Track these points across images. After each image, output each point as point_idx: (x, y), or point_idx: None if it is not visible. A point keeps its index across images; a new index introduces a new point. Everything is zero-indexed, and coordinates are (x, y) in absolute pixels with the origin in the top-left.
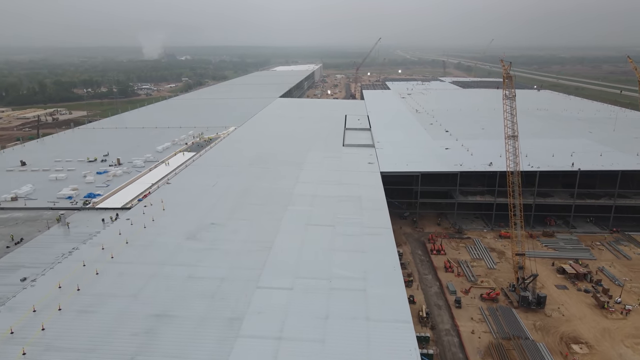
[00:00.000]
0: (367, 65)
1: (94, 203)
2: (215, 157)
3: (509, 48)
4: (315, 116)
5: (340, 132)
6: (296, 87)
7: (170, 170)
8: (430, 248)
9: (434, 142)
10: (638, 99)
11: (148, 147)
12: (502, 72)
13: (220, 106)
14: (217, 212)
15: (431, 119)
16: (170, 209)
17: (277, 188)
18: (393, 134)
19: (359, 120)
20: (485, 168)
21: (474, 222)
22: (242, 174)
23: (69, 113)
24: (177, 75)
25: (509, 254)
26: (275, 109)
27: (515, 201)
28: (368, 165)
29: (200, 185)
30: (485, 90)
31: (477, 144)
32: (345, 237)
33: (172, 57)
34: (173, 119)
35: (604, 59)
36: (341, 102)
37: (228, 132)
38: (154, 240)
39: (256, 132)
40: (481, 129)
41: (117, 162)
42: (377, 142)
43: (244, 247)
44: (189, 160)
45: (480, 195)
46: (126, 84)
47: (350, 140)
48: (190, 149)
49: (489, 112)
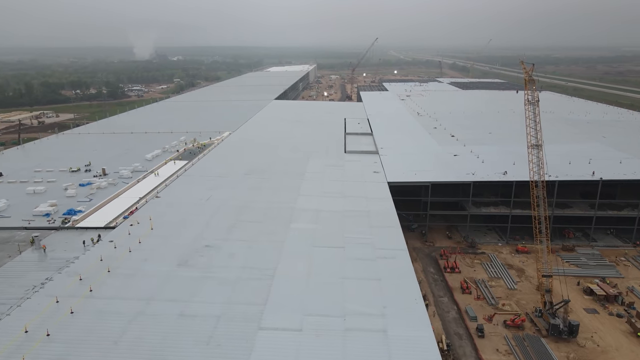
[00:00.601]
0: (361, 66)
1: (73, 222)
2: (209, 166)
3: (502, 48)
4: (313, 119)
5: (341, 137)
6: (291, 88)
7: (160, 181)
8: (443, 265)
9: (441, 148)
10: (638, 99)
11: (136, 155)
12: (524, 75)
13: (214, 109)
14: (212, 231)
15: (434, 122)
16: (159, 228)
17: (277, 202)
18: (396, 139)
19: (359, 124)
20: (500, 177)
21: (487, 235)
22: (238, 185)
23: (55, 116)
24: (169, 76)
25: (529, 272)
26: (271, 112)
27: (541, 216)
28: (373, 174)
29: (193, 199)
30: (485, 91)
31: (487, 150)
32: (356, 262)
33: (164, 57)
34: (164, 123)
35: (598, 59)
36: (339, 104)
37: (222, 137)
38: (140, 268)
39: (252, 138)
40: (488, 134)
41: (102, 173)
42: (381, 149)
43: (242, 274)
44: (180, 170)
45: (494, 206)
46: (116, 85)
47: (352, 146)
48: (181, 157)
49: (494, 115)
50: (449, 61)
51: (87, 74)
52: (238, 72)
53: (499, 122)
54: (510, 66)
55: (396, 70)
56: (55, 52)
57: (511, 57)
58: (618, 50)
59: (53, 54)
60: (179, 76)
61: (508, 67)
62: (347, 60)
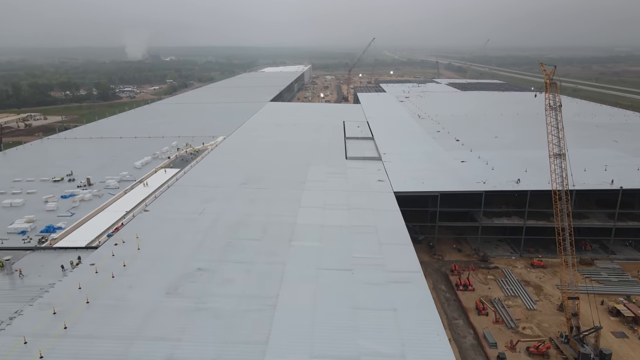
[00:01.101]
0: (357, 66)
1: (51, 241)
2: (202, 175)
3: (495, 49)
4: (311, 122)
5: (340, 141)
6: (286, 89)
7: (150, 192)
8: (455, 282)
9: (447, 153)
10: (637, 100)
11: (125, 162)
12: (544, 78)
13: (207, 112)
14: (205, 251)
15: (437, 125)
16: (146, 248)
17: (276, 215)
18: (399, 144)
19: (359, 127)
20: (513, 186)
21: (499, 248)
22: (233, 197)
23: (43, 118)
24: (162, 77)
25: (547, 289)
26: (267, 115)
27: (565, 231)
28: (378, 183)
29: (185, 212)
30: (485, 93)
31: (496, 155)
32: (367, 288)
33: (157, 57)
34: (155, 126)
35: (592, 60)
36: (336, 106)
37: (216, 142)
38: (123, 298)
39: (248, 143)
40: (494, 138)
41: (86, 183)
42: (384, 154)
43: (240, 305)
44: (171, 179)
45: (507, 217)
46: (106, 86)
47: (354, 152)
48: (172, 165)
49: (498, 118)
50: (443, 61)
51: (77, 74)
52: (232, 73)
53: (503, 126)
54: (505, 66)
55: (392, 70)
56: (46, 52)
57: (506, 58)
58: (611, 51)
59: (44, 54)
60: (171, 77)
61: (503, 67)
62: (342, 60)
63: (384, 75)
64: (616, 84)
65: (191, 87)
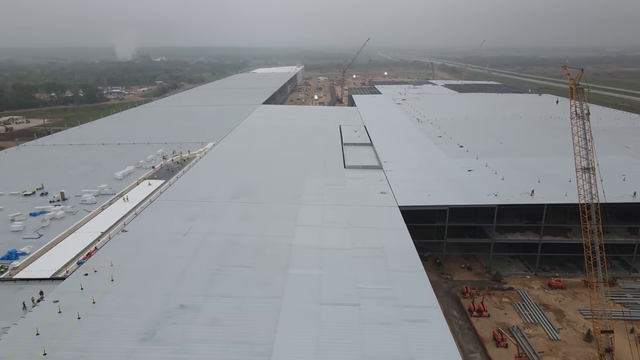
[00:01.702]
0: (350, 67)
1: (12, 270)
2: (189, 188)
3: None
4: (306, 127)
5: (338, 148)
6: (279, 91)
7: (130, 208)
8: (468, 307)
9: (451, 161)
10: (636, 102)
11: (105, 173)
12: (569, 83)
13: (196, 115)
14: (189, 282)
15: (437, 130)
16: (121, 279)
17: (270, 235)
18: (400, 150)
19: (356, 131)
20: (527, 199)
21: (512, 265)
22: (223, 213)
23: (26, 121)
24: (151, 78)
25: (569, 314)
26: (260, 119)
27: (596, 252)
28: (380, 196)
29: (167, 233)
30: (483, 95)
31: (504, 164)
32: (377, 329)
33: (147, 58)
34: (141, 131)
35: (584, 60)
36: (331, 109)
37: (205, 149)
38: (88, 348)
39: (239, 150)
40: (499, 144)
41: (60, 197)
42: (384, 162)
43: (227, 354)
44: (155, 193)
45: (521, 232)
46: (93, 87)
47: (353, 160)
48: (157, 176)
49: (500, 122)
50: (437, 62)
51: (65, 75)
52: (223, 74)
53: (507, 130)
54: (499, 67)
55: (386, 71)
56: (34, 52)
57: (500, 58)
58: (602, 51)
59: (32, 54)
60: (161, 78)
61: (496, 68)
62: (335, 61)
63: (377, 76)
64: (611, 85)
65: (181, 88)
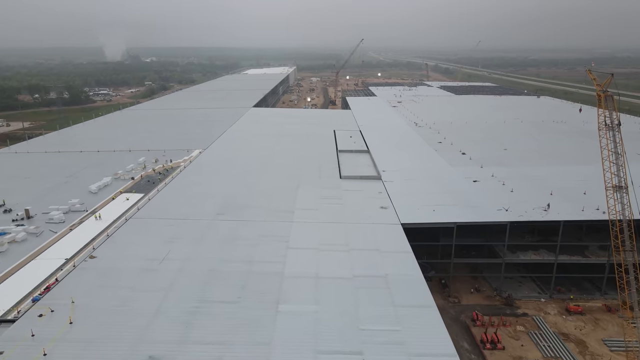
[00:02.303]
0: (343, 68)
1: None
2: (170, 203)
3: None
4: (298, 132)
5: (332, 156)
6: (271, 92)
7: (102, 228)
8: (480, 338)
9: (454, 170)
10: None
11: (79, 185)
12: (596, 89)
13: (184, 119)
14: (162, 325)
15: (437, 135)
16: (82, 322)
17: (259, 261)
18: (398, 158)
19: (351, 137)
20: (542, 215)
21: (523, 286)
22: (206, 233)
23: (6, 125)
24: (140, 79)
25: (592, 345)
26: (250, 123)
27: (632, 289)
28: (381, 211)
29: (141, 259)
30: (480, 97)
31: (511, 173)
32: None
33: (137, 58)
34: (123, 137)
35: (576, 61)
36: (325, 112)
37: (191, 157)
38: None
39: (227, 158)
40: (503, 150)
41: (25, 215)
42: (383, 172)
43: None
44: (132, 209)
45: (534, 250)
46: (79, 89)
47: (349, 169)
48: (136, 189)
49: (501, 126)
50: (430, 63)
51: (51, 76)
52: (214, 75)
53: (510, 135)
54: (491, 68)
55: (379, 72)
56: (22, 52)
57: (492, 59)
58: (592, 52)
59: (19, 54)
60: (150, 79)
61: (488, 69)
62: (327, 61)
63: (371, 77)
64: None
65: (171, 90)
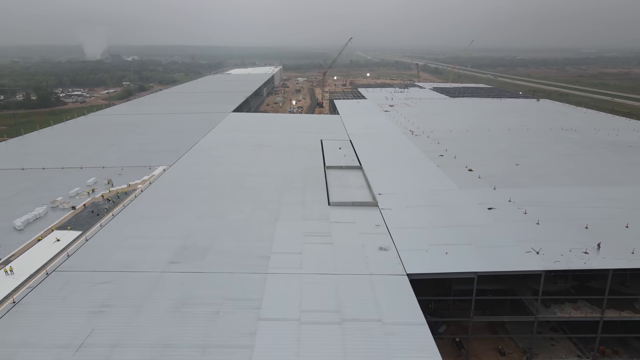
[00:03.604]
0: (331, 68)
1: None
2: (111, 246)
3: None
4: (280, 142)
5: (319, 173)
6: (254, 94)
7: (9, 291)
8: None
9: (463, 193)
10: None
11: (3, 218)
12: None
13: (154, 127)
14: None
15: (437, 146)
16: None
17: (215, 349)
18: (396, 176)
19: (341, 149)
20: (584, 261)
21: (558, 346)
22: (149, 298)
23: None
24: (119, 79)
25: None
26: (227, 131)
27: None
28: (380, 255)
29: (50, 347)
30: (476, 100)
31: (531, 197)
32: None
33: (118, 57)
34: (79, 149)
35: (564, 61)
36: (311, 118)
37: (152, 177)
38: None
39: (194, 178)
40: (515, 165)
41: None
42: (379, 195)
43: None
44: (59, 256)
45: (572, 303)
46: (48, 89)
47: (339, 193)
48: (74, 223)
49: (506, 135)
50: (419, 62)
51: (25, 75)
52: (197, 74)
53: (519, 147)
54: (480, 68)
55: (368, 72)
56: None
57: (480, 59)
58: (578, 52)
59: None
60: (129, 79)
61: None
62: (315, 60)
63: (359, 77)
64: (598, 87)
65: (150, 90)
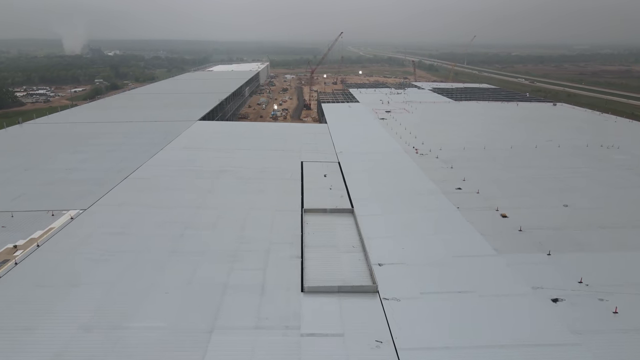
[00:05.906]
0: (321, 64)
1: None
2: None
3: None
4: (248, 167)
5: (293, 220)
6: (234, 95)
7: None
8: None
9: (503, 263)
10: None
11: None
12: None
13: (92, 143)
14: None
15: (449, 172)
16: None
17: None
18: (402, 226)
19: (326, 177)
20: None
21: None
22: None
23: None
24: (93, 76)
25: None
26: (183, 149)
27: None
28: None
29: None
30: (485, 104)
31: (608, 274)
32: None
33: (98, 52)
34: None
35: (560, 58)
36: (292, 128)
37: (50, 230)
38: None
39: (110, 236)
40: (563, 207)
41: None
42: (380, 267)
43: None
44: None
45: None
46: (3, 88)
47: (318, 267)
48: None
49: (533, 155)
50: (414, 59)
51: None
52: (180, 70)
53: (558, 175)
54: (475, 64)
55: (360, 70)
56: None
57: (475, 55)
58: (572, 49)
59: None
60: (102, 76)
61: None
62: (304, 56)
63: (351, 75)
64: (604, 87)
65: (124, 89)
